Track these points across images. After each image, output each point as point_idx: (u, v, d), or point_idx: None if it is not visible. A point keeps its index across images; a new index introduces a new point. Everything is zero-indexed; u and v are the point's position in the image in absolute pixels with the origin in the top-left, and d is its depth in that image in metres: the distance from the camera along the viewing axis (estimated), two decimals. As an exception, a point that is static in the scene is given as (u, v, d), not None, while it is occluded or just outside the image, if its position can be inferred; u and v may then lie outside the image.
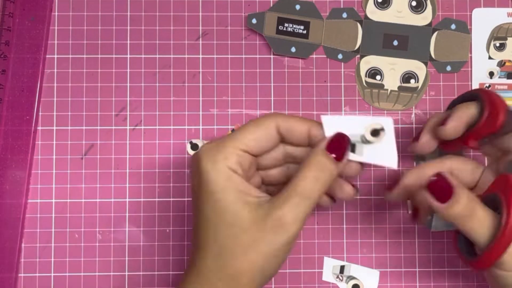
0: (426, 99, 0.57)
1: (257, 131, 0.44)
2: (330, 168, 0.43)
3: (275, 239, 0.41)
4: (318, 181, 0.42)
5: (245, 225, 0.42)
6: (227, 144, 0.43)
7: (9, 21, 0.55)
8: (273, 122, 0.44)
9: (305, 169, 0.42)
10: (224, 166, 0.42)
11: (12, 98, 0.55)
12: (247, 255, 0.41)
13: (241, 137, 0.44)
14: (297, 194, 0.42)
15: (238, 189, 0.42)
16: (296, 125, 0.44)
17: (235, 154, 0.43)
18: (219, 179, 0.42)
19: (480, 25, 0.57)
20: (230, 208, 0.42)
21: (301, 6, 0.56)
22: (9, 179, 0.55)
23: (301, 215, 0.42)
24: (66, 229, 0.55)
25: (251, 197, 0.42)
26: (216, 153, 0.43)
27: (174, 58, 0.56)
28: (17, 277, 0.55)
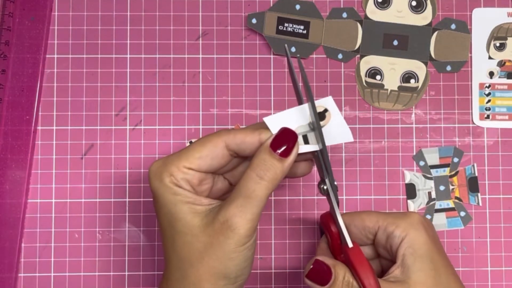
0: (426, 99, 0.57)
1: (203, 149, 0.44)
2: (275, 166, 0.42)
3: (225, 242, 0.42)
4: (262, 180, 0.42)
5: (196, 232, 0.42)
6: (171, 162, 0.44)
7: (9, 21, 0.55)
8: (219, 139, 0.44)
9: (249, 169, 0.42)
10: (170, 183, 0.43)
11: (12, 98, 0.55)
12: (203, 261, 0.42)
13: (186, 155, 0.44)
14: (241, 195, 0.42)
15: (187, 201, 0.43)
16: (243, 137, 0.44)
17: (180, 172, 0.43)
18: (166, 194, 0.43)
19: (480, 25, 0.57)
20: (181, 218, 0.43)
21: (301, 6, 0.56)
22: (9, 179, 0.54)
23: (248, 216, 0.42)
24: (66, 229, 0.55)
25: (201, 206, 0.43)
26: (162, 171, 0.44)
27: (174, 58, 0.56)
28: (17, 277, 0.55)
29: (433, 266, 0.45)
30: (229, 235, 0.42)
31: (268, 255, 0.55)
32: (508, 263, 0.55)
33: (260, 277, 0.55)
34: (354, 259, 0.44)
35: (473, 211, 0.56)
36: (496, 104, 0.57)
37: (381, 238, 0.47)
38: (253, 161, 0.42)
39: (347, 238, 0.44)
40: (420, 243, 0.46)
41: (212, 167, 0.44)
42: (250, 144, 0.44)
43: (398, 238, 0.46)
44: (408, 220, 0.47)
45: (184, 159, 0.44)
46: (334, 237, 0.46)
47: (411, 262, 0.45)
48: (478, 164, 0.56)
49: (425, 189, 0.56)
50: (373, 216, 0.48)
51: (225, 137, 0.44)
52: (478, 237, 0.56)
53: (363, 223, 0.48)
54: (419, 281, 0.44)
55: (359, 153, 0.56)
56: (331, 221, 0.47)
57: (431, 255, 0.46)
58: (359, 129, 0.56)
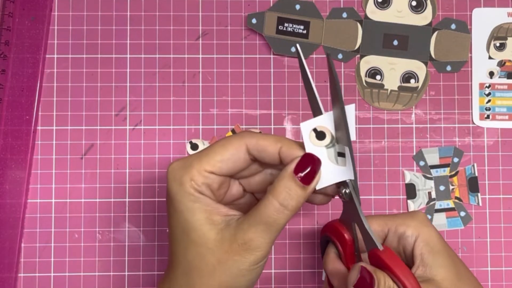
0: (426, 99, 0.57)
1: (224, 152, 0.42)
2: (299, 195, 0.41)
3: (241, 261, 0.41)
4: (286, 209, 0.41)
5: (211, 245, 0.41)
6: (193, 165, 0.42)
7: (9, 21, 0.55)
8: (242, 143, 0.43)
9: (271, 195, 0.41)
10: (190, 188, 0.42)
11: (12, 98, 0.55)
12: (214, 274, 0.41)
13: (207, 158, 0.42)
14: (263, 222, 0.41)
15: (205, 210, 0.42)
16: (266, 145, 0.42)
17: (201, 176, 0.42)
18: (185, 200, 0.42)
19: (480, 25, 0.57)
20: (197, 228, 0.42)
21: (301, 6, 0.56)
22: (9, 179, 0.54)
23: (268, 241, 0.41)
24: (66, 229, 0.55)
25: (219, 216, 0.42)
26: (182, 174, 0.42)
27: (174, 58, 0.56)
28: (17, 277, 0.54)
29: (452, 260, 0.45)
30: (246, 256, 0.41)
31: (268, 255, 0.55)
32: (508, 263, 0.55)
33: (260, 277, 0.55)
34: (389, 261, 0.42)
35: (473, 211, 0.56)
36: (496, 104, 0.57)
37: (392, 240, 0.47)
38: (276, 187, 0.41)
39: (376, 241, 0.43)
40: (435, 240, 0.45)
41: (233, 170, 0.43)
42: (270, 153, 0.43)
43: (411, 238, 0.46)
44: (417, 219, 0.46)
45: (206, 162, 0.42)
46: (347, 245, 0.45)
47: (431, 259, 0.45)
48: (478, 164, 0.56)
49: (425, 189, 0.56)
50: (380, 220, 0.47)
51: (247, 140, 0.43)
52: (478, 237, 0.56)
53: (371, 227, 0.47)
54: (445, 277, 0.44)
55: (359, 153, 0.56)
56: (342, 229, 0.46)
57: (447, 250, 0.45)
58: (359, 129, 0.56)
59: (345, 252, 0.46)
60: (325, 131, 0.42)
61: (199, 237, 0.42)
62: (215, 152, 0.43)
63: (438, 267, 0.44)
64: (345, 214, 0.45)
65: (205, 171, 0.42)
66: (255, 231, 0.41)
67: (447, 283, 0.44)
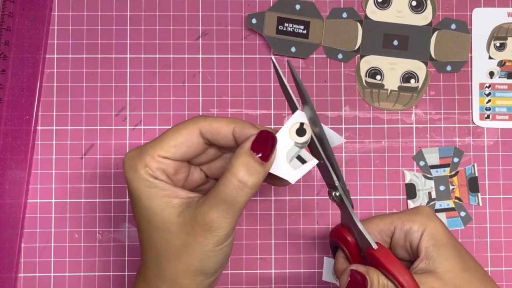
0: (426, 99, 0.57)
1: (178, 137, 0.42)
2: (256, 170, 0.40)
3: (204, 243, 0.41)
4: (245, 186, 0.40)
5: (174, 229, 0.41)
6: (146, 151, 0.42)
7: (9, 21, 0.55)
8: (195, 127, 0.43)
9: (229, 173, 0.40)
10: (145, 174, 0.42)
11: (12, 98, 0.55)
12: (181, 258, 0.41)
13: (160, 144, 0.42)
14: (222, 201, 0.40)
15: (163, 194, 0.42)
16: (219, 127, 0.42)
17: (155, 161, 0.42)
18: (142, 187, 0.42)
19: (480, 25, 0.57)
20: (158, 213, 0.42)
21: (301, 6, 0.56)
22: (9, 179, 0.54)
23: (230, 219, 0.41)
24: (66, 229, 0.55)
25: (178, 199, 0.42)
26: (137, 161, 0.42)
27: (174, 58, 0.56)
28: (17, 277, 0.54)
29: (458, 253, 0.45)
30: (209, 237, 0.41)
31: (268, 255, 0.55)
32: (508, 263, 0.55)
33: (260, 277, 0.55)
34: (383, 259, 0.43)
35: (473, 211, 0.56)
36: (496, 104, 0.57)
37: (399, 237, 0.47)
38: (234, 164, 0.40)
39: (370, 240, 0.43)
40: (441, 233, 0.45)
41: (188, 155, 0.43)
42: (224, 135, 0.42)
43: (417, 233, 0.46)
44: (422, 214, 0.47)
45: (159, 148, 0.42)
46: (352, 247, 0.46)
47: (436, 252, 0.45)
48: (478, 164, 0.56)
49: (425, 189, 0.56)
50: (386, 218, 0.48)
51: (200, 124, 0.43)
52: (478, 237, 0.56)
53: (378, 227, 0.47)
54: (448, 269, 0.44)
55: (359, 153, 0.56)
56: (345, 232, 0.46)
57: (453, 242, 0.45)
58: (359, 129, 0.56)
59: (351, 254, 0.46)
60: (307, 131, 0.42)
61: (160, 222, 0.41)
62: (168, 137, 0.43)
63: (443, 259, 0.44)
64: (342, 216, 0.46)
65: (159, 156, 0.42)
66: (216, 211, 0.40)
67: (450, 275, 0.44)
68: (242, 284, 0.55)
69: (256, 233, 0.55)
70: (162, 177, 0.42)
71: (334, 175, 0.42)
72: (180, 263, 0.41)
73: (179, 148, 0.42)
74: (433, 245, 0.45)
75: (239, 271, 0.55)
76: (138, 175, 0.42)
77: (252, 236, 0.55)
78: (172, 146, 0.42)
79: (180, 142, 0.42)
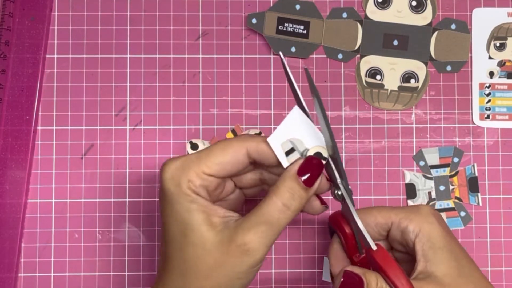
0: (426, 99, 0.57)
1: (224, 155, 0.42)
2: (301, 196, 0.41)
3: (239, 263, 0.41)
4: (288, 210, 0.41)
5: (209, 247, 0.41)
6: (191, 166, 0.42)
7: (9, 21, 0.55)
8: (242, 146, 0.43)
9: (274, 195, 0.41)
10: (188, 189, 0.42)
11: (12, 98, 0.55)
12: (211, 276, 0.41)
13: (206, 161, 0.42)
14: (264, 222, 0.41)
15: (203, 211, 0.42)
16: (265, 149, 0.43)
17: (199, 178, 0.42)
18: (183, 200, 0.42)
19: (480, 25, 0.57)
20: (195, 229, 0.41)
21: (301, 6, 0.56)
22: (9, 179, 0.54)
23: (267, 243, 0.41)
24: (66, 229, 0.55)
25: (218, 218, 0.42)
26: (180, 174, 0.42)
27: (174, 58, 0.56)
28: (17, 277, 0.54)
29: (454, 257, 0.45)
30: (244, 259, 0.41)
31: (268, 255, 0.55)
32: (508, 263, 0.55)
33: (260, 277, 0.55)
34: (382, 262, 0.43)
35: (473, 211, 0.56)
36: (496, 104, 0.57)
37: (396, 234, 0.47)
38: (280, 187, 0.41)
39: (370, 242, 0.43)
40: (437, 236, 0.45)
41: (231, 173, 0.43)
42: (270, 156, 0.43)
43: (412, 234, 0.46)
44: (421, 214, 0.46)
45: (204, 165, 0.42)
46: (348, 238, 0.46)
47: (432, 255, 0.44)
48: (478, 164, 0.56)
49: (425, 189, 0.56)
50: (384, 212, 0.47)
51: (248, 144, 0.43)
52: (478, 237, 0.56)
53: (375, 219, 0.47)
54: (446, 273, 0.44)
55: (359, 153, 0.56)
56: (344, 222, 0.46)
57: (449, 246, 0.45)
58: (359, 129, 0.56)
59: (347, 243, 0.46)
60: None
61: (197, 238, 0.41)
62: (214, 155, 0.42)
63: (439, 263, 0.44)
64: (343, 210, 0.46)
65: (204, 174, 0.42)
66: (255, 232, 0.41)
67: (448, 279, 0.44)
68: (242, 284, 0.55)
69: (256, 233, 0.55)
70: (203, 193, 0.42)
71: (337, 173, 0.43)
72: (208, 281, 0.41)
73: (224, 167, 0.42)
74: (429, 247, 0.45)
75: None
76: (180, 189, 0.42)
77: (252, 236, 0.55)
78: (218, 163, 0.42)
79: (226, 161, 0.42)
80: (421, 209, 0.47)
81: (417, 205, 0.48)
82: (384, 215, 0.47)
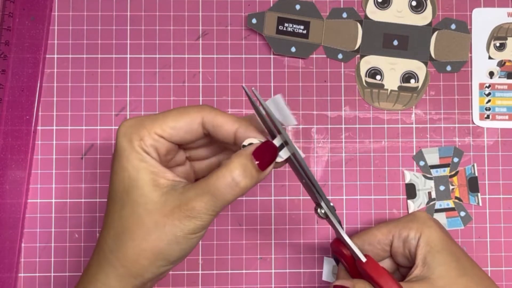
0: (426, 99, 0.57)
1: (179, 120, 0.42)
2: (252, 175, 0.41)
3: (179, 227, 0.40)
4: (237, 186, 0.40)
5: (151, 207, 0.41)
6: (145, 125, 0.42)
7: (9, 21, 0.55)
8: (198, 115, 0.42)
9: (225, 169, 0.40)
10: (139, 147, 0.41)
11: (12, 98, 0.55)
12: (148, 238, 0.41)
13: (161, 122, 0.42)
14: (210, 193, 0.40)
15: (151, 171, 0.41)
16: (223, 122, 0.42)
17: (151, 138, 0.42)
18: (132, 157, 0.41)
19: (480, 25, 0.57)
20: (140, 187, 0.41)
21: (301, 6, 0.56)
22: (9, 179, 0.54)
23: (211, 212, 0.41)
24: (66, 229, 0.55)
25: (165, 180, 0.41)
26: (133, 131, 0.42)
27: (174, 58, 0.56)
28: (17, 277, 0.55)
29: (454, 258, 0.45)
30: (186, 223, 0.40)
31: (268, 255, 0.55)
32: (508, 263, 0.55)
33: (260, 277, 0.55)
34: (370, 271, 0.44)
35: (473, 211, 0.56)
36: (496, 104, 0.57)
37: (398, 246, 0.47)
38: (232, 162, 0.41)
39: (358, 254, 0.44)
40: (436, 239, 0.46)
41: (183, 140, 0.43)
42: (226, 132, 0.42)
43: (414, 240, 0.46)
44: (418, 220, 0.47)
45: (158, 125, 0.42)
46: (349, 261, 0.47)
47: (431, 259, 0.45)
48: (478, 164, 0.56)
49: (425, 189, 0.56)
50: (383, 228, 0.48)
51: (205, 113, 0.42)
52: (478, 237, 0.56)
53: (376, 238, 0.48)
54: (442, 275, 0.44)
55: (359, 153, 0.56)
56: (341, 245, 0.47)
57: (449, 248, 0.46)
58: (359, 129, 0.56)
59: (349, 266, 0.47)
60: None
61: (140, 196, 0.41)
62: (169, 118, 0.42)
63: (437, 265, 0.45)
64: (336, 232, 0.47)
65: (156, 134, 0.42)
66: (200, 199, 0.40)
67: (443, 281, 0.44)
68: (242, 284, 0.55)
69: (256, 233, 0.55)
70: (154, 154, 0.42)
71: (318, 194, 0.43)
72: (145, 242, 0.41)
73: (178, 132, 0.42)
74: (428, 251, 0.45)
75: (239, 271, 0.55)
76: (131, 146, 0.41)
77: (252, 236, 0.55)
78: (172, 127, 0.42)
79: (179, 126, 0.42)
80: (418, 215, 0.47)
81: (413, 213, 0.49)
82: (384, 231, 0.48)
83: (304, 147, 0.56)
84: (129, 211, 0.41)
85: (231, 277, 0.55)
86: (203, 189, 0.40)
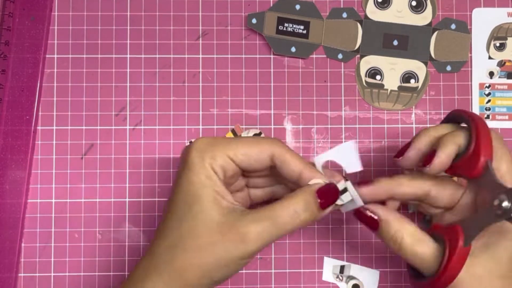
0: (426, 99, 0.57)
1: (252, 148, 0.44)
2: (314, 212, 0.43)
3: (232, 249, 0.41)
4: (298, 218, 0.43)
5: (210, 225, 0.42)
6: (218, 146, 0.44)
7: (9, 21, 0.55)
8: (269, 147, 0.45)
9: (290, 201, 0.43)
10: (209, 165, 0.43)
11: (12, 98, 0.55)
12: (200, 255, 0.42)
13: (234, 146, 0.44)
14: (270, 220, 0.42)
15: (216, 190, 0.43)
16: (290, 161, 0.44)
17: (222, 159, 0.43)
18: (201, 173, 0.43)
19: (480, 25, 0.57)
20: (203, 203, 0.42)
21: (301, 6, 0.56)
22: (9, 179, 0.54)
23: (266, 239, 0.42)
24: (66, 229, 0.55)
25: (226, 202, 0.43)
26: (208, 149, 0.44)
27: (174, 58, 0.56)
28: (17, 277, 0.54)
29: None
30: (239, 247, 0.41)
31: (268, 255, 0.55)
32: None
33: (260, 277, 0.55)
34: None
35: (473, 211, 0.56)
36: (496, 104, 0.57)
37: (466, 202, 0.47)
38: (297, 196, 0.43)
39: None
40: None
41: (251, 167, 0.45)
42: (291, 170, 0.44)
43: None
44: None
45: (231, 149, 0.44)
46: None
47: None
48: (478, 164, 0.56)
49: (425, 189, 0.56)
50: None
51: (275, 149, 0.44)
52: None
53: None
54: None
55: (359, 153, 0.56)
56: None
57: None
58: (359, 129, 0.56)
59: None
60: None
61: (200, 212, 0.42)
62: (242, 144, 0.44)
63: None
64: None
65: (227, 157, 0.44)
66: (258, 226, 0.42)
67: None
68: (242, 284, 0.55)
69: (256, 233, 0.55)
70: (220, 175, 0.43)
71: None
72: (196, 258, 0.42)
73: (248, 158, 0.44)
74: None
75: (239, 271, 0.55)
76: (202, 162, 0.43)
77: (252, 236, 0.55)
78: (243, 153, 0.44)
79: (250, 154, 0.44)
80: None
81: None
82: None
83: (304, 147, 0.56)
84: (188, 225, 0.42)
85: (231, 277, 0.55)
86: (263, 215, 0.42)
